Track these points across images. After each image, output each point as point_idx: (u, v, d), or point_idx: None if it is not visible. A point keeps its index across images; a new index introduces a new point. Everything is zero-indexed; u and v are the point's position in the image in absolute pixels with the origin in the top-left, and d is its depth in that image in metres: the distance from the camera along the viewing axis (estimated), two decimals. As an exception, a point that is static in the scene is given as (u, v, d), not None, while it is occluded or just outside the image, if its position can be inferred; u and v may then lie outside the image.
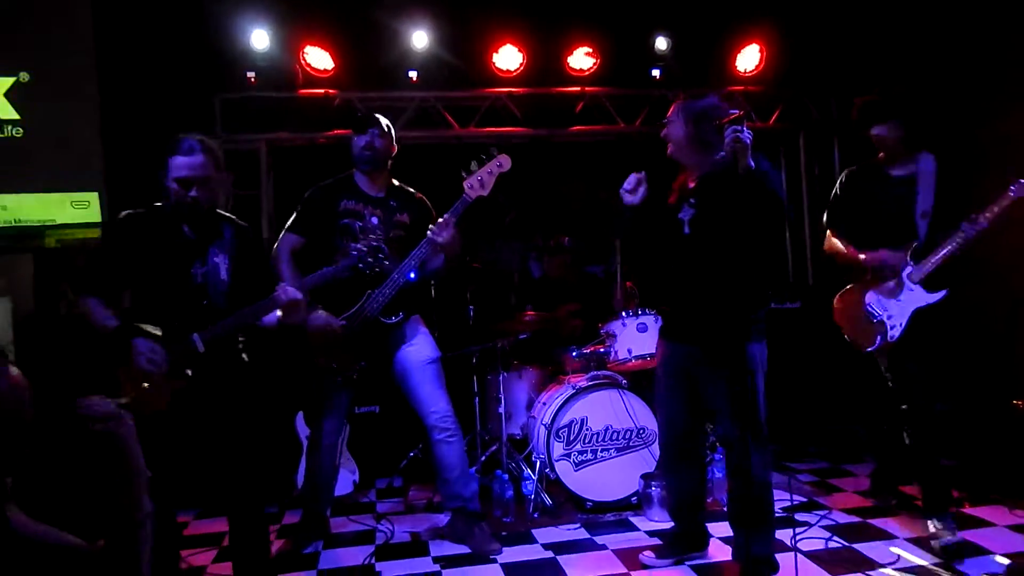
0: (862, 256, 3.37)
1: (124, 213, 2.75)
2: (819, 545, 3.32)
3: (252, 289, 2.74)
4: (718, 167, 2.93)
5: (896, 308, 3.30)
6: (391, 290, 3.35)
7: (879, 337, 3.33)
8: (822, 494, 4.07)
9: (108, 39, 4.74)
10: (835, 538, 3.39)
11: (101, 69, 4.73)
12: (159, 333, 2.62)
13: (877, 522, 3.57)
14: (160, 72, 4.83)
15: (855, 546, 3.29)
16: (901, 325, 3.28)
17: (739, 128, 2.64)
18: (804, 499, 3.98)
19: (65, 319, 4.59)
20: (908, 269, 3.28)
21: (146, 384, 2.58)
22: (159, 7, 4.78)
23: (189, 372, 2.63)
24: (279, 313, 2.75)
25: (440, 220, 3.31)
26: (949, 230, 3.19)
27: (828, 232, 3.56)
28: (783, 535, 3.42)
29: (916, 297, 3.26)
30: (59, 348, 4.16)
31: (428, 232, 3.29)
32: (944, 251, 3.19)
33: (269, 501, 2.81)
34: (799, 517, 3.69)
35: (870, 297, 3.39)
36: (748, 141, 2.64)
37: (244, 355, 2.83)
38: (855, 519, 3.64)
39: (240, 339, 2.81)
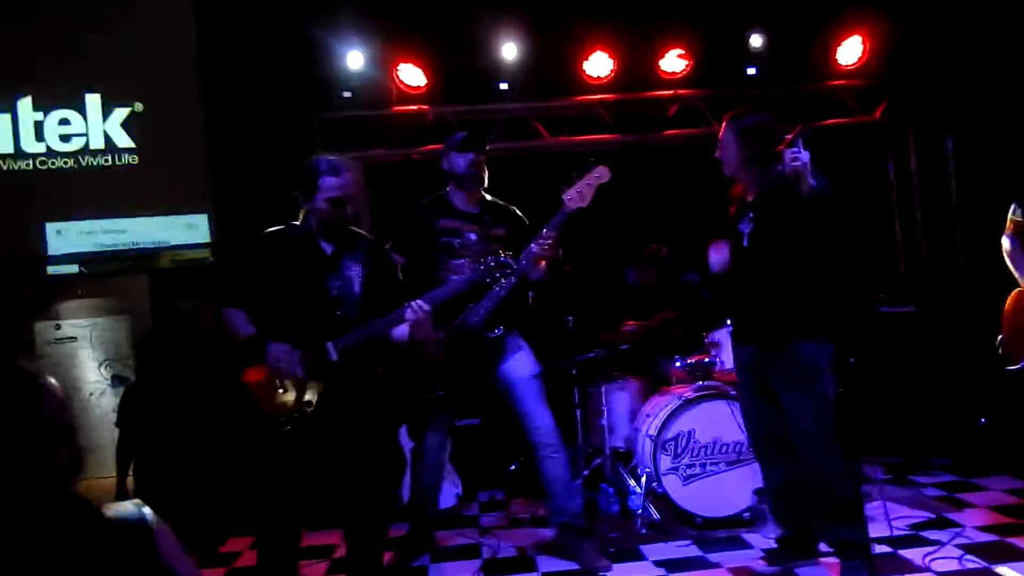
0: None
1: (266, 231, 2.88)
2: (954, 566, 3.09)
3: (383, 302, 2.81)
4: (775, 182, 2.96)
5: None
6: (492, 303, 3.33)
7: None
8: (952, 510, 3.81)
9: (213, 66, 4.96)
10: (971, 557, 3.15)
11: (207, 95, 4.96)
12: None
13: (1017, 541, 3.29)
14: (262, 95, 5.02)
15: (995, 567, 3.04)
16: None
17: (797, 150, 2.67)
18: (932, 515, 3.73)
19: (180, 334, 4.81)
20: None
21: (281, 390, 2.67)
22: (260, 33, 4.96)
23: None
24: (407, 328, 2.80)
25: (542, 233, 3.28)
26: None
27: (1009, 229, 3.18)
28: (912, 555, 3.23)
29: None
30: (176, 361, 4.36)
31: (530, 245, 3.27)
32: None
33: (389, 516, 2.85)
34: (928, 535, 3.46)
35: None
36: (805, 160, 2.67)
37: (378, 367, 2.90)
38: (992, 537, 3.38)
39: (374, 352, 2.88)
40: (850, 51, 5.39)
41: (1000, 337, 3.13)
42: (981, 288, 3.26)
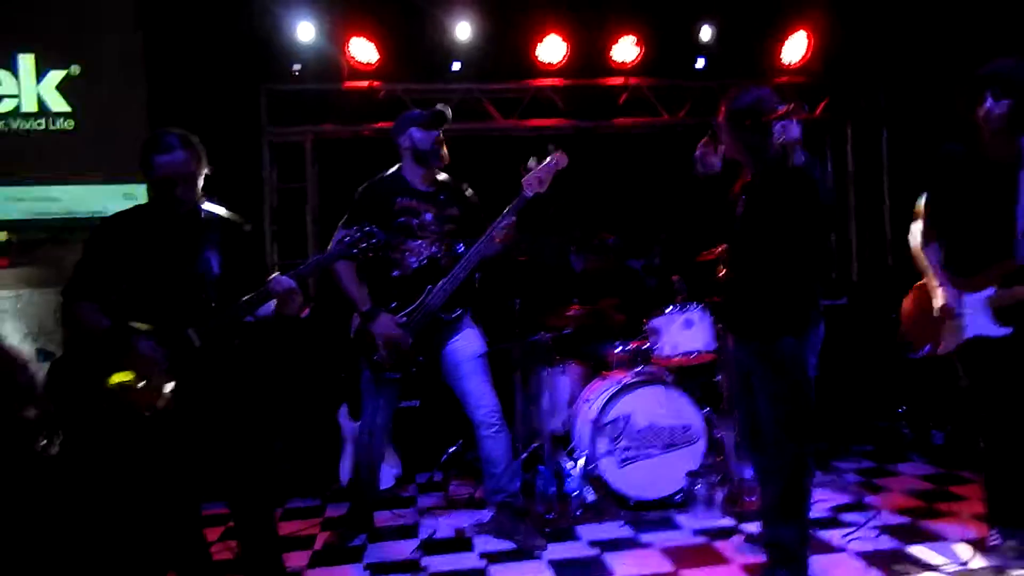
0: (937, 293, 3.07)
1: (110, 215, 2.73)
2: (869, 546, 3.26)
3: (245, 282, 2.70)
4: (771, 163, 2.88)
5: (960, 325, 3.01)
6: (451, 286, 3.35)
7: (929, 345, 3.13)
8: (870, 494, 4.00)
9: (155, 30, 4.80)
10: (886, 537, 3.33)
11: (149, 60, 4.80)
12: (145, 328, 2.58)
13: (929, 523, 3.50)
14: (207, 63, 4.88)
15: (907, 548, 3.23)
16: (955, 343, 3.04)
17: (787, 123, 2.61)
18: (852, 499, 3.92)
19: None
20: (990, 291, 2.93)
21: (141, 384, 2.53)
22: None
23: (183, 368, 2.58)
24: (274, 304, 2.70)
25: (501, 218, 3.31)
26: None
27: (923, 224, 3.18)
28: (831, 535, 3.39)
29: (981, 324, 2.94)
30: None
31: (490, 230, 3.31)
32: None
33: (273, 496, 2.80)
34: (847, 518, 3.63)
35: (941, 300, 3.07)
36: (797, 135, 2.60)
37: (244, 349, 2.79)
38: (905, 519, 3.57)
39: (241, 332, 2.77)
40: (795, 48, 5.54)
41: (901, 332, 3.30)
42: (907, 283, 3.40)
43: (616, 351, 4.33)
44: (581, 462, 4.00)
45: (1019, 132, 2.89)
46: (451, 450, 4.59)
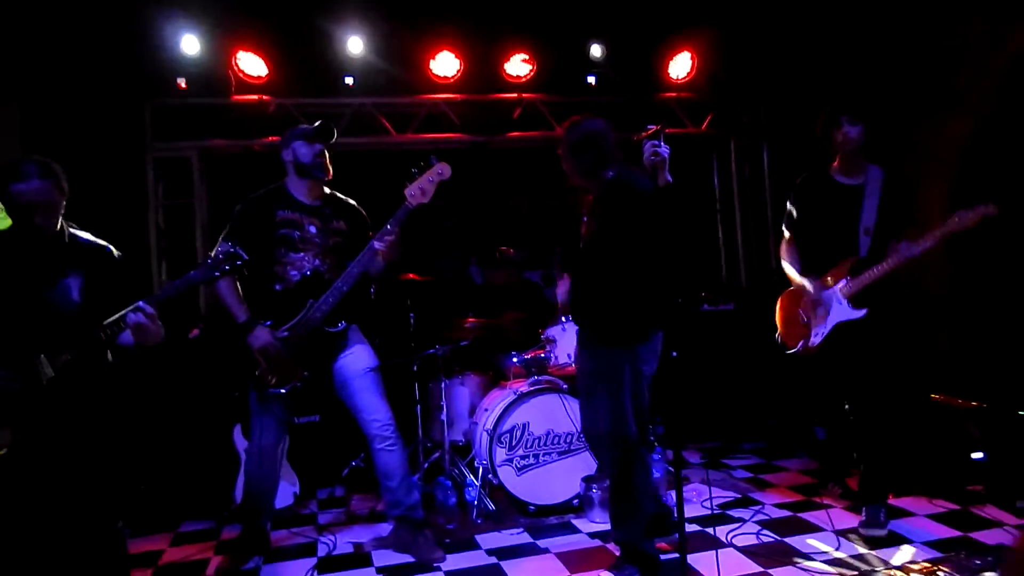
0: (796, 282, 3.57)
1: None
2: (752, 540, 3.44)
3: (112, 310, 2.61)
4: (608, 187, 3.08)
5: (823, 318, 3.44)
6: (334, 299, 3.31)
7: (802, 342, 3.53)
8: (756, 489, 4.21)
9: (30, 44, 4.58)
10: (767, 532, 3.51)
11: (23, 77, 4.57)
12: None
13: (808, 515, 3.71)
14: (87, 79, 4.70)
15: (787, 540, 3.42)
16: (822, 334, 3.43)
17: (656, 143, 2.76)
18: (738, 495, 4.11)
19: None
20: (843, 283, 3.37)
21: None
22: (85, 12, 4.63)
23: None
24: (131, 334, 2.62)
25: (383, 229, 3.30)
26: (888, 247, 3.29)
27: (785, 237, 3.69)
28: (720, 532, 3.55)
29: (842, 311, 3.38)
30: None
31: (372, 241, 3.29)
32: (877, 271, 3.28)
33: (124, 517, 2.75)
34: (735, 513, 3.82)
35: (804, 302, 3.55)
36: (665, 155, 2.77)
37: (104, 377, 2.71)
38: (787, 513, 3.78)
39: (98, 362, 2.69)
40: (680, 66, 5.80)
41: (777, 336, 3.72)
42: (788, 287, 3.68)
43: (513, 361, 4.39)
44: (480, 471, 4.04)
45: (866, 155, 3.38)
46: (353, 464, 4.55)
